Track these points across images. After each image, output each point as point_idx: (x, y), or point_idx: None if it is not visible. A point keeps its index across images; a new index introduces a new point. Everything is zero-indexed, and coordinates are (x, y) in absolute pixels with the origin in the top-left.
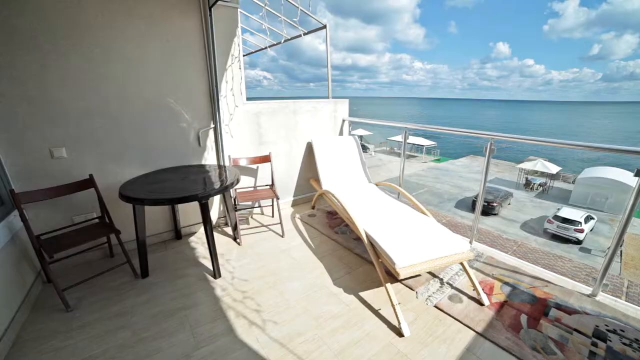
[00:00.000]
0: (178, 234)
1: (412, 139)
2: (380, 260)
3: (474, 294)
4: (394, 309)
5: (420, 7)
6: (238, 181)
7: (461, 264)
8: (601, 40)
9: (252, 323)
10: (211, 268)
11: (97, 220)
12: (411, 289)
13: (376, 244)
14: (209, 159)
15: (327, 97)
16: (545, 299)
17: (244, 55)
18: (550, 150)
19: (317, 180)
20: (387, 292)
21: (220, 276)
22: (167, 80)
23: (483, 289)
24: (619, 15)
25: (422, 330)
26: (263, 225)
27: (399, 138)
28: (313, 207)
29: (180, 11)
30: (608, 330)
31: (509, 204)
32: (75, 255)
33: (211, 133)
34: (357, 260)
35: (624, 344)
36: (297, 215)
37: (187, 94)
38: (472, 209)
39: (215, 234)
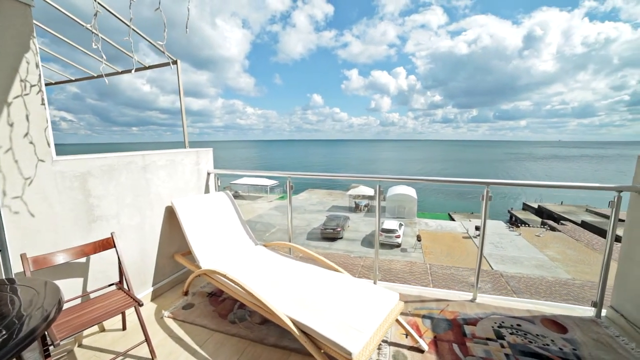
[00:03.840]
0: None
1: (256, 180)
2: (322, 351)
3: (408, 341)
4: None
5: (249, 58)
6: (60, 308)
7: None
8: (374, 99)
9: None
10: None
11: None
12: None
13: (312, 331)
14: None
15: (184, 146)
16: (455, 319)
17: (33, 86)
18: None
19: (188, 254)
20: None
21: None
22: None
23: (413, 331)
24: (378, 84)
25: None
26: (110, 354)
27: (242, 182)
28: (186, 293)
29: None
30: (499, 327)
31: (349, 226)
32: None
33: None
34: (278, 355)
35: (511, 334)
36: (166, 313)
37: None
38: (322, 238)
39: None
